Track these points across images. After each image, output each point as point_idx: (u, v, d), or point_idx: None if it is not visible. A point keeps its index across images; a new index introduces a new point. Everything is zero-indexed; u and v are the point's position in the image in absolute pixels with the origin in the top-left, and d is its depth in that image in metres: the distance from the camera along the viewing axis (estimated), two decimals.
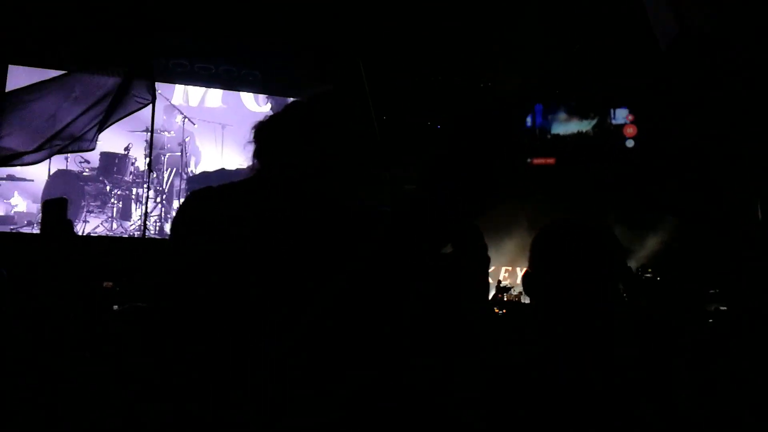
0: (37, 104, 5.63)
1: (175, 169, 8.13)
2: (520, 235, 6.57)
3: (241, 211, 1.13)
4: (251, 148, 1.30)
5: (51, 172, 7.45)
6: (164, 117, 8.13)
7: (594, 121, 6.11)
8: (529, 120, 6.57)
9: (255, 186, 1.21)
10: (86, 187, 7.54)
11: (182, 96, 8.30)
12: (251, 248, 1.07)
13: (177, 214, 1.26)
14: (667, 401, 1.22)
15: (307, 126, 1.25)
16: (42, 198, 7.36)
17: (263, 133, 1.28)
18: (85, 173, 7.63)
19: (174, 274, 1.15)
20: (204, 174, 8.19)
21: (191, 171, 8.21)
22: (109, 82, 5.73)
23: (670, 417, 1.20)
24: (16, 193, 7.77)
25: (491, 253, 1.39)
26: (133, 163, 7.89)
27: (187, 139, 8.12)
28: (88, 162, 7.57)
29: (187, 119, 8.07)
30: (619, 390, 1.20)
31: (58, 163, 7.55)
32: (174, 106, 8.12)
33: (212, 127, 8.24)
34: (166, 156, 8.14)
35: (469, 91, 7.21)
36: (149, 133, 7.85)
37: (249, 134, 1.37)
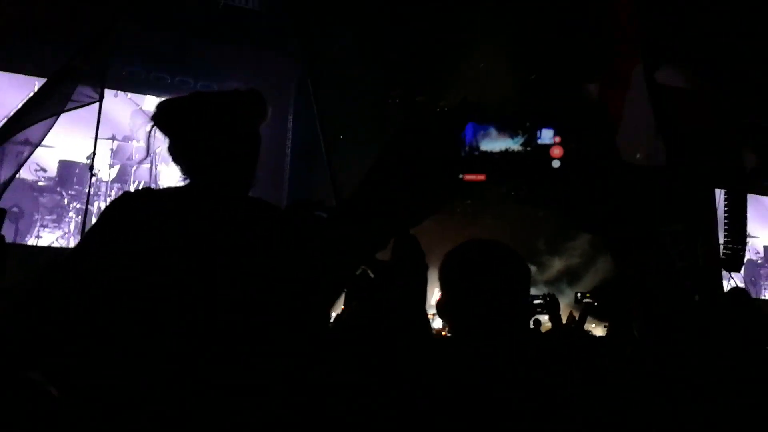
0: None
1: (143, 181, 7.34)
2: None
3: (179, 216, 1.12)
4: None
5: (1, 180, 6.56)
6: (131, 122, 7.35)
7: (522, 139, 6.31)
8: (462, 136, 6.40)
9: (190, 194, 1.21)
10: (41, 199, 6.69)
11: (154, 102, 7.53)
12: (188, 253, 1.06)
13: (109, 210, 1.18)
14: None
15: (218, 125, 1.26)
16: None
17: (173, 125, 1.26)
18: (40, 183, 6.77)
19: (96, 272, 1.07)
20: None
21: (161, 184, 7.41)
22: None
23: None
24: None
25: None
26: (94, 174, 7.05)
27: (158, 150, 7.33)
28: (45, 171, 6.73)
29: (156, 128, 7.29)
30: (544, 407, 1.23)
31: (8, 169, 6.68)
32: (143, 111, 7.35)
33: None
34: (134, 168, 7.34)
35: (418, 109, 7.13)
36: (114, 141, 7.14)
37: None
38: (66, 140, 6.65)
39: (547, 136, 1.13)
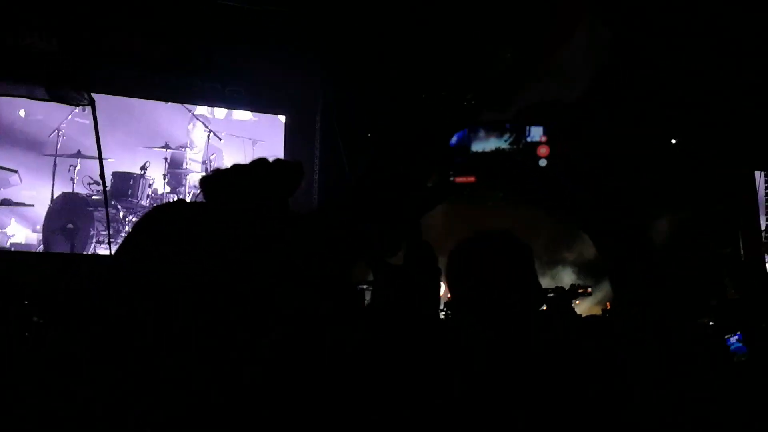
0: None
1: (199, 191, 7.02)
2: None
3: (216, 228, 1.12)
4: None
5: (54, 196, 6.33)
6: (188, 129, 7.03)
7: (511, 137, 6.01)
8: (454, 138, 6.10)
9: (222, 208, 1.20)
10: (96, 213, 6.41)
11: (203, 110, 7.21)
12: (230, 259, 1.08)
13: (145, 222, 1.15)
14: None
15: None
16: (44, 226, 6.25)
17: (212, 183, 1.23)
18: (94, 197, 6.51)
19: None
20: None
21: None
22: None
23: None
24: (13, 220, 6.66)
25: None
26: (150, 185, 6.77)
27: (212, 157, 7.01)
28: (98, 184, 6.45)
29: (212, 134, 6.97)
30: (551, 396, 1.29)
31: (62, 185, 6.45)
32: (196, 117, 7.02)
33: (241, 142, 7.14)
34: (188, 176, 7.03)
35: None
36: (168, 150, 6.85)
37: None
38: (120, 152, 6.38)
39: (536, 133, 1.15)
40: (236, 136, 7.19)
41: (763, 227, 7.79)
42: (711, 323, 5.49)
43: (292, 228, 1.19)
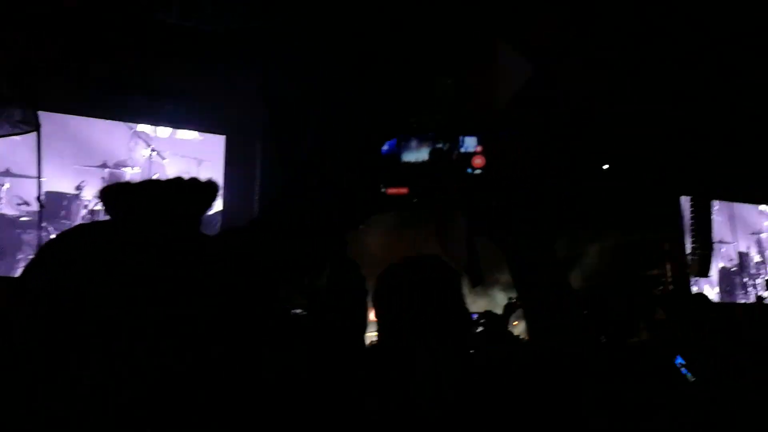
0: None
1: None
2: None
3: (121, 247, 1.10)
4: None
5: None
6: (129, 147, 6.66)
7: (444, 148, 5.79)
8: (384, 148, 6.04)
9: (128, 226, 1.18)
10: (24, 236, 5.97)
11: (146, 128, 6.84)
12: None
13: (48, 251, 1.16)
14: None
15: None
16: None
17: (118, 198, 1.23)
18: (23, 218, 6.05)
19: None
20: None
21: None
22: None
23: None
24: None
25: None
26: (86, 206, 6.36)
27: (154, 176, 6.64)
28: (28, 204, 6.01)
29: (155, 152, 6.61)
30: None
31: None
32: (138, 134, 6.66)
33: (186, 162, 6.80)
34: None
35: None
36: (106, 169, 6.50)
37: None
38: (51, 169, 5.96)
39: (470, 144, 1.42)
40: (180, 155, 6.85)
41: (688, 250, 8.08)
42: (640, 341, 5.53)
43: (198, 248, 1.14)
